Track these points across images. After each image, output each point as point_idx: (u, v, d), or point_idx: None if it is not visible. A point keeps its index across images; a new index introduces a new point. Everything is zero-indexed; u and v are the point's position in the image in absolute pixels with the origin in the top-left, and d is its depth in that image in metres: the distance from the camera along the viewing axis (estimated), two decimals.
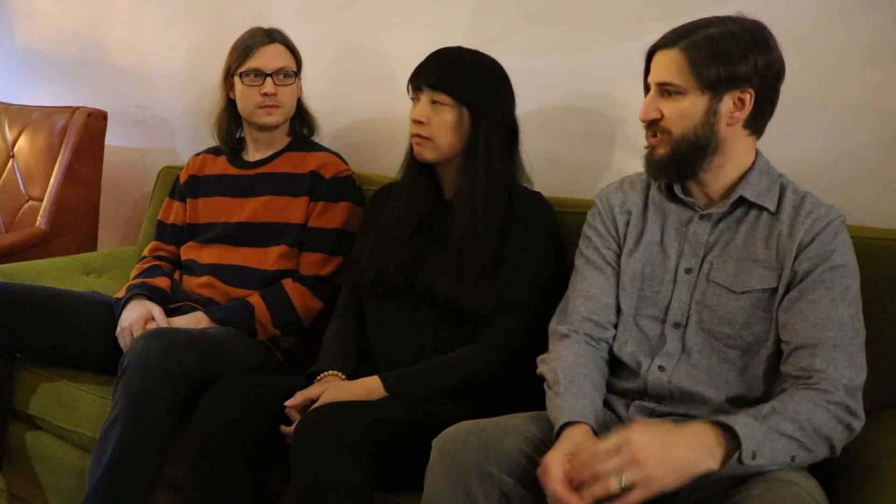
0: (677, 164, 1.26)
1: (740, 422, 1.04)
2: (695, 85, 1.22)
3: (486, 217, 1.48)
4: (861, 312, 1.18)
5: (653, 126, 1.27)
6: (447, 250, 1.49)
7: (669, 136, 1.25)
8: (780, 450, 1.05)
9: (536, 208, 1.54)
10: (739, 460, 1.02)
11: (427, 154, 1.52)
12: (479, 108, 1.48)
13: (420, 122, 1.49)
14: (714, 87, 1.21)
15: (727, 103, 1.22)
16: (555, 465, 1.05)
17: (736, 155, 1.26)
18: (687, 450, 1.02)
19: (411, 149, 1.55)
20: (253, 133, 1.93)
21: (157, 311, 1.73)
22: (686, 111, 1.23)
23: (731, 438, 1.03)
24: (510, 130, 1.54)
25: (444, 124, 1.48)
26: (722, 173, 1.27)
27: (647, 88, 1.30)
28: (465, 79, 1.49)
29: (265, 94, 1.82)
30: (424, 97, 1.50)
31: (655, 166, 1.29)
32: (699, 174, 1.27)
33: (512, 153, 1.55)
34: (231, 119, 1.94)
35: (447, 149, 1.50)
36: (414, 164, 1.57)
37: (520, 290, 1.47)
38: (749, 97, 1.22)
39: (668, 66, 1.23)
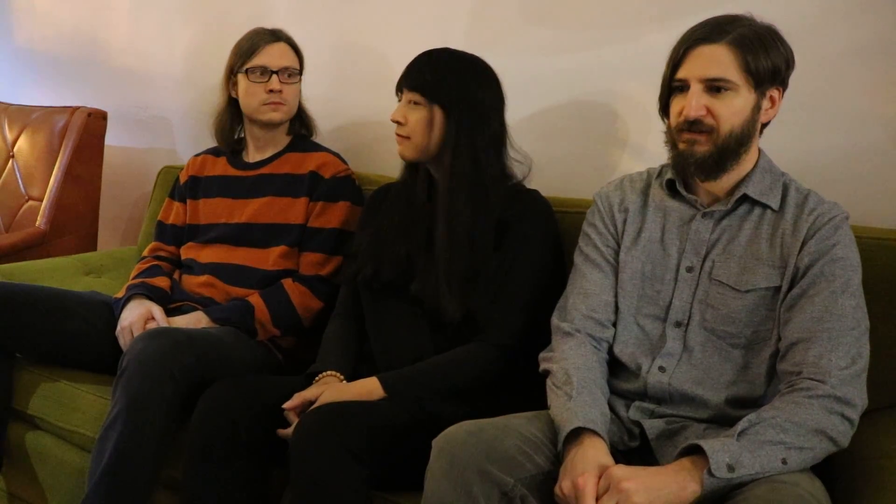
0: (718, 161, 1.23)
1: (709, 440, 1.05)
2: (745, 81, 1.20)
3: (468, 220, 1.48)
4: (864, 305, 1.18)
5: (696, 125, 1.22)
6: (434, 255, 1.50)
7: (716, 134, 1.22)
8: (766, 457, 1.04)
9: (534, 207, 1.54)
10: (711, 474, 1.02)
11: (407, 153, 1.55)
12: (450, 106, 1.49)
13: (398, 122, 1.53)
14: (761, 82, 1.21)
15: (767, 100, 1.23)
16: (591, 492, 1.05)
17: (752, 153, 1.26)
18: (668, 477, 1.04)
19: None
20: (254, 132, 1.92)
21: (156, 310, 1.73)
22: (737, 108, 1.21)
23: (706, 458, 1.03)
24: (493, 130, 1.53)
25: (418, 122, 1.51)
26: (731, 172, 1.26)
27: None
28: (435, 77, 1.50)
29: (271, 91, 1.83)
30: (404, 98, 1.54)
31: (695, 164, 1.24)
32: (725, 172, 1.25)
33: (498, 153, 1.55)
34: (232, 118, 1.94)
35: (424, 147, 1.52)
36: (407, 163, 1.59)
37: (518, 289, 1.47)
38: (779, 94, 1.23)
39: (720, 60, 1.19)
